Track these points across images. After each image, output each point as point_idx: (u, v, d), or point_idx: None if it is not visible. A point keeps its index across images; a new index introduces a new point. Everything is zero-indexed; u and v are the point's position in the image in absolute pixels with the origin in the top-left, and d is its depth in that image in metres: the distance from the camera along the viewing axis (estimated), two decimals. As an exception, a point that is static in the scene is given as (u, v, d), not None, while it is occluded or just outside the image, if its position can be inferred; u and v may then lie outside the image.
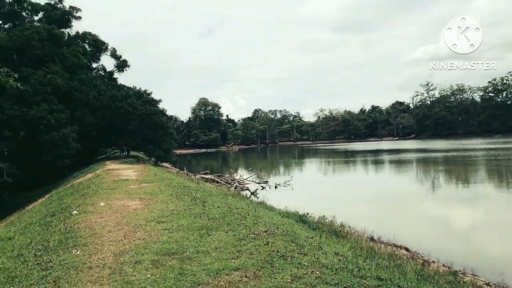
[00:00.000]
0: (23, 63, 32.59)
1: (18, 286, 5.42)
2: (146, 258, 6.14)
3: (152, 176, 19.90)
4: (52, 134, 29.89)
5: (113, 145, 48.34)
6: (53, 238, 7.67)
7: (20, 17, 38.09)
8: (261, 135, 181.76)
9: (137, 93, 40.92)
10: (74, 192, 15.20)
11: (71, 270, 5.80)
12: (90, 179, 19.70)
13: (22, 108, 29.37)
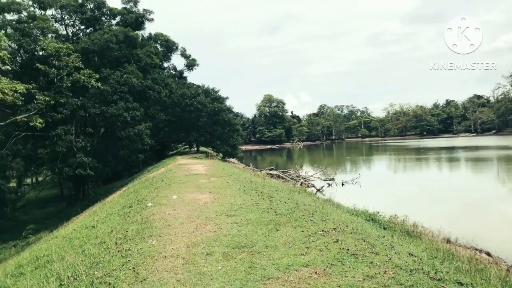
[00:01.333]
0: (102, 65, 35.06)
1: (102, 271, 5.82)
2: (217, 251, 6.29)
3: (221, 171, 20.44)
4: (128, 131, 31.84)
5: (183, 141, 50.39)
6: (131, 228, 8.15)
7: (100, 22, 40.90)
8: (327, 131, 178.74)
9: (205, 91, 42.20)
10: (148, 185, 16.07)
11: (148, 259, 6.11)
12: (163, 173, 20.71)
13: (102, 107, 31.62)
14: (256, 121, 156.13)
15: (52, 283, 5.79)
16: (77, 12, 38.81)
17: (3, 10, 35.43)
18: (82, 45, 34.18)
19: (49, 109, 29.30)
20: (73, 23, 41.55)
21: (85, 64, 30.67)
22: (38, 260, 7.77)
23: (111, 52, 35.00)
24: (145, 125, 33.56)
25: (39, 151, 30.87)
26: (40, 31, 35.55)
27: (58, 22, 40.71)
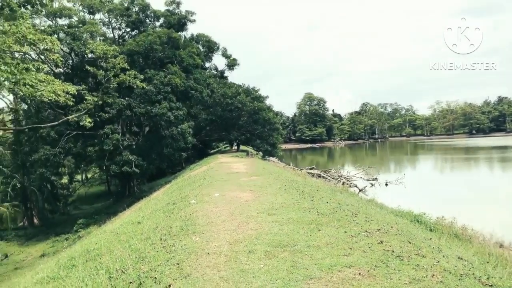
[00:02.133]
0: (147, 65, 36.18)
1: (148, 266, 6.02)
2: (259, 249, 6.32)
3: (261, 170, 20.51)
4: (172, 130, 32.67)
5: (224, 140, 51.04)
6: (175, 224, 8.35)
7: (144, 24, 42.24)
8: (370, 130, 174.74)
9: (245, 90, 42.50)
10: (191, 183, 16.39)
11: (192, 255, 6.24)
12: (205, 171, 21.07)
13: (147, 106, 32.64)
14: (296, 120, 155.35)
15: (102, 276, 6.05)
16: (123, 16, 40.29)
17: (56, 15, 37.39)
18: (128, 47, 35.42)
19: (98, 109, 30.62)
20: (119, 26, 43.19)
21: (131, 65, 31.74)
22: (89, 253, 8.14)
23: (155, 53, 36.04)
24: (188, 124, 34.29)
25: (88, 149, 32.35)
26: (89, 35, 37.21)
27: (106, 25, 42.47)
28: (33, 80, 17.96)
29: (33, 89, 18.37)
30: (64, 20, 38.67)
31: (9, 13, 23.13)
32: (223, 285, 5.01)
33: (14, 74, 16.73)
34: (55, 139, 32.27)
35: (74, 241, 23.21)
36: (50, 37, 20.21)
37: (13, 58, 20.05)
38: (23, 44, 19.70)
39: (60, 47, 31.68)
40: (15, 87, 19.72)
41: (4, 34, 20.20)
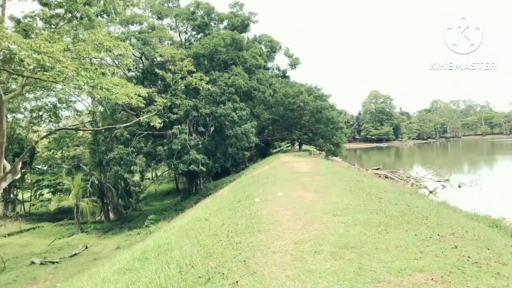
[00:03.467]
0: (212, 67, 37.27)
1: (216, 261, 6.21)
2: (325, 249, 6.26)
3: (324, 170, 20.25)
4: (236, 129, 33.37)
5: (286, 139, 51.06)
6: (241, 222, 8.53)
7: (209, 27, 43.54)
8: (441, 129, 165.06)
9: (308, 89, 42.17)
10: (255, 182, 16.62)
11: (257, 253, 6.34)
12: (267, 170, 21.24)
13: (212, 107, 33.62)
14: (361, 118, 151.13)
15: (173, 269, 6.35)
16: (189, 20, 41.83)
17: (128, 22, 39.79)
18: (194, 50, 36.73)
19: (166, 110, 32.11)
20: (185, 30, 44.92)
21: (197, 68, 32.88)
22: (160, 247, 8.58)
23: (219, 55, 37.01)
24: (251, 124, 34.81)
25: (158, 148, 34.05)
26: (158, 39, 39.14)
27: (173, 29, 44.39)
28: (109, 84, 19.15)
29: (109, 92, 19.59)
30: (135, 26, 41.05)
31: (88, 23, 25.02)
32: (290, 284, 5.03)
33: (92, 79, 17.97)
34: (128, 139, 34.39)
35: (146, 235, 24.54)
36: (123, 43, 21.45)
37: (92, 64, 21.58)
38: (100, 50, 21.09)
39: (132, 52, 33.66)
40: (93, 90, 21.26)
41: (83, 42, 21.89)
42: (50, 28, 23.33)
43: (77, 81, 17.14)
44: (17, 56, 15.41)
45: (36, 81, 25.67)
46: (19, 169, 23.63)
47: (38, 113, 44.95)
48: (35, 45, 15.22)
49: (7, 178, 21.92)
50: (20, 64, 22.45)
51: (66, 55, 16.90)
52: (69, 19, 23.75)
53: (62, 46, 17.16)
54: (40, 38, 16.96)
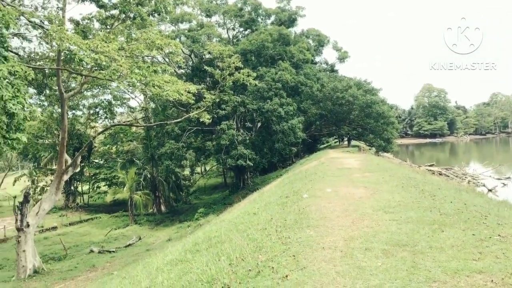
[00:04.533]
0: (259, 63, 37.41)
1: (265, 255, 6.27)
2: (376, 247, 6.12)
3: (375, 166, 19.74)
4: (283, 125, 33.32)
5: (334, 135, 50.29)
6: (289, 217, 8.54)
7: (256, 23, 43.67)
8: (501, 123, 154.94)
9: (357, 83, 41.22)
10: (302, 178, 16.53)
11: (307, 248, 6.32)
12: (315, 166, 21.05)
13: (259, 103, 33.78)
14: (413, 113, 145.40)
15: (223, 262, 6.49)
16: (237, 16, 42.20)
17: (178, 21, 40.84)
18: (241, 46, 37.03)
19: (215, 106, 32.66)
20: (233, 26, 45.38)
21: (244, 64, 33.13)
22: (210, 240, 8.79)
23: (266, 50, 37.06)
24: (298, 119, 34.61)
25: (207, 143, 34.83)
26: (206, 37, 39.87)
27: (221, 26, 45.00)
28: (160, 81, 19.77)
29: (160, 90, 20.22)
30: (185, 24, 42.06)
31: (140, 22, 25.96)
32: (340, 280, 4.98)
33: (145, 76, 18.63)
34: (179, 134, 35.43)
35: (195, 228, 25.23)
36: (174, 41, 22.03)
37: (144, 62, 22.37)
38: (152, 49, 21.79)
39: (182, 49, 34.52)
40: (146, 88, 22.04)
41: (136, 41, 22.75)
42: (105, 28, 24.46)
43: (130, 78, 17.82)
44: (77, 56, 16.27)
45: (94, 80, 27.05)
46: (78, 163, 25.10)
47: (95, 110, 47.43)
48: (93, 45, 16.01)
49: (68, 171, 23.36)
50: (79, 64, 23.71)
51: (121, 54, 17.62)
52: (123, 20, 24.73)
53: (117, 46, 17.94)
54: (97, 38, 17.83)
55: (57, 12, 21.78)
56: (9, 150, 11.40)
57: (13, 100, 10.37)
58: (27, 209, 20.60)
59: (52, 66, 23.28)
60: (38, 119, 35.85)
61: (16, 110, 10.49)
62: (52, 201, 22.65)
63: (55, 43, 17.78)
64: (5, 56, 10.80)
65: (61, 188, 23.37)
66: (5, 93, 9.94)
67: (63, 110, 23.44)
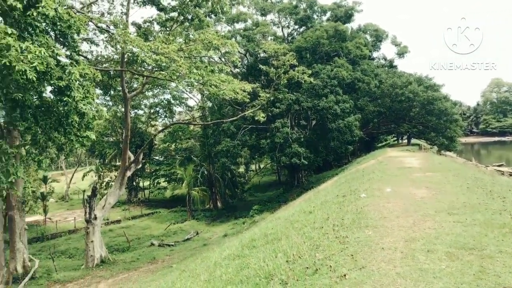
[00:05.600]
0: (314, 60, 37.02)
1: (322, 254, 6.23)
2: (439, 249, 5.86)
3: (437, 165, 18.82)
4: (338, 123, 32.73)
5: (393, 133, 48.58)
6: (347, 216, 8.39)
7: (312, 20, 43.23)
8: None
9: (418, 79, 39.47)
10: (359, 177, 16.16)
11: (365, 248, 6.19)
12: (373, 165, 20.48)
13: (314, 100, 33.44)
14: (479, 110, 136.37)
15: (280, 258, 6.54)
16: (292, 14, 42.05)
17: (233, 20, 41.52)
18: (296, 44, 36.88)
19: (269, 105, 32.82)
20: (288, 24, 45.31)
21: (299, 61, 32.96)
22: (267, 236, 8.88)
23: (321, 47, 36.59)
24: (354, 117, 33.84)
25: (261, 141, 35.09)
26: (261, 36, 40.14)
27: (276, 25, 45.10)
28: (217, 81, 20.21)
29: (217, 89, 20.68)
30: (240, 24, 42.67)
31: (197, 23, 26.71)
32: (401, 282, 4.83)
33: (202, 76, 19.15)
34: (234, 132, 36.05)
35: (250, 225, 25.57)
36: (230, 41, 22.43)
37: (202, 62, 23.00)
38: (209, 49, 22.34)
39: (238, 49, 35.05)
40: (203, 87, 22.65)
41: (193, 42, 23.44)
42: (165, 30, 25.45)
43: (189, 78, 18.39)
44: (139, 57, 17.10)
45: (154, 80, 28.29)
46: (140, 159, 26.39)
47: (155, 109, 49.62)
48: (154, 47, 16.73)
49: (131, 168, 24.66)
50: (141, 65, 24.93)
51: (180, 55, 18.25)
52: (181, 22, 25.60)
53: (176, 47, 18.62)
54: (157, 40, 18.62)
55: (121, 17, 23.03)
56: (80, 147, 12.25)
57: (83, 100, 11.13)
58: (94, 202, 22.04)
59: (116, 68, 24.64)
60: (104, 118, 38.08)
61: (86, 110, 11.26)
62: (116, 195, 24.03)
63: (119, 46, 18.76)
64: (77, 60, 11.60)
65: (124, 183, 24.73)
66: (76, 94, 10.68)
67: (126, 109, 24.76)
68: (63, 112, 11.26)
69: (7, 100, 10.99)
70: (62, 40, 11.60)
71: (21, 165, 12.09)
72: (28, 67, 8.57)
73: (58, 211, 44.47)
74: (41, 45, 9.42)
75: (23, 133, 18.61)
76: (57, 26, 10.50)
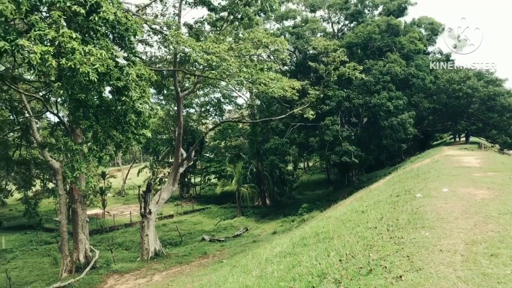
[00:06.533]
0: (365, 56, 36.07)
1: (376, 254, 6.09)
2: (504, 253, 5.53)
3: (499, 165, 17.71)
4: (391, 120, 31.70)
5: (449, 130, 46.27)
6: (402, 217, 8.12)
7: (363, 15, 42.07)
8: None
9: (477, 73, 37.25)
10: (414, 176, 15.57)
11: (422, 250, 5.97)
12: (428, 164, 19.65)
13: (365, 97, 32.63)
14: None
15: (333, 257, 6.48)
16: (342, 9, 41.22)
17: (282, 18, 41.45)
18: (347, 40, 36.14)
19: (319, 102, 32.44)
20: (338, 20, 44.47)
21: (349, 57, 32.29)
22: (318, 235, 8.81)
23: (373, 42, 35.60)
24: (408, 114, 32.61)
25: (310, 139, 34.82)
26: (310, 32, 39.75)
27: (325, 21, 44.45)
28: (266, 79, 20.31)
29: (266, 87, 20.81)
30: (289, 21, 42.52)
31: (247, 22, 26.96)
32: (462, 286, 4.62)
33: (252, 75, 19.31)
34: (282, 130, 36.06)
35: (299, 223, 25.47)
36: (279, 39, 22.45)
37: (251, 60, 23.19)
38: (258, 47, 22.48)
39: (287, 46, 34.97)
40: (253, 86, 22.85)
41: (243, 40, 23.69)
42: (215, 30, 25.94)
43: (239, 77, 18.61)
44: (191, 57, 17.55)
45: (205, 79, 28.94)
46: (192, 156, 27.15)
47: (205, 107, 50.77)
48: (205, 47, 17.10)
49: (183, 164, 25.43)
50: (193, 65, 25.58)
51: (230, 54, 18.53)
52: (231, 21, 25.96)
53: (226, 46, 18.92)
54: (208, 40, 19.03)
55: (174, 18, 23.75)
56: (136, 144, 12.82)
57: (140, 100, 11.62)
58: (149, 197, 22.99)
59: (169, 68, 25.49)
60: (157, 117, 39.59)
61: (143, 108, 11.75)
62: (169, 191, 24.90)
63: (172, 47, 19.35)
64: (133, 61, 12.12)
65: (177, 179, 25.56)
66: (134, 94, 11.17)
67: (179, 108, 25.56)
68: (121, 111, 11.82)
69: (71, 101, 11.74)
70: (120, 42, 12.17)
71: (84, 161, 12.86)
72: (91, 69, 9.07)
73: (115, 205, 46.89)
74: (102, 47, 9.93)
75: (85, 131, 19.83)
76: (116, 29, 11.01)
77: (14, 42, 8.06)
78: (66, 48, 8.83)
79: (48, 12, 10.20)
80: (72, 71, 9.47)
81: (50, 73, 9.27)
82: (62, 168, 17.26)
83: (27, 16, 8.73)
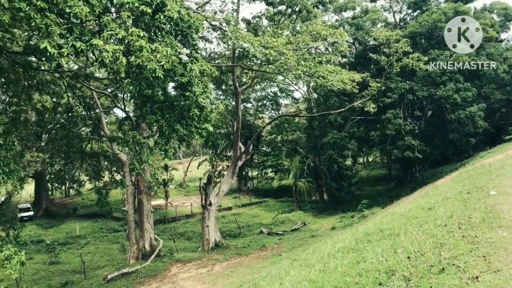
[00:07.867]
0: (430, 46, 34.24)
1: (448, 253, 5.78)
2: None
3: None
4: (458, 113, 29.96)
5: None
6: (474, 215, 7.64)
7: (427, 3, 39.95)
8: None
9: (560, 60, 34.02)
10: (485, 172, 14.59)
11: (500, 250, 5.58)
12: (502, 160, 18.29)
13: (430, 89, 31.03)
14: None
15: (400, 254, 6.25)
16: (404, -2, 39.47)
17: (341, 9, 40.50)
18: (410, 29, 34.57)
19: (380, 95, 31.36)
20: (400, 9, 42.64)
21: (413, 48, 30.80)
22: (382, 232, 8.54)
23: (439, 32, 33.68)
24: (478, 106, 30.57)
25: (370, 133, 33.83)
26: (371, 23, 38.47)
27: (386, 11, 42.80)
28: (324, 72, 19.97)
29: (325, 80, 20.45)
30: (348, 12, 41.45)
31: (305, 15, 26.65)
32: (548, 291, 4.27)
33: (310, 68, 19.09)
34: (341, 124, 35.36)
35: (359, 219, 24.90)
36: (338, 30, 21.98)
37: (310, 53, 22.92)
38: (317, 40, 22.13)
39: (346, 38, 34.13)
40: (311, 79, 22.60)
41: (300, 34, 23.45)
42: (273, 24, 25.91)
43: (296, 71, 18.48)
44: (250, 52, 17.70)
45: (263, 74, 29.08)
46: (250, 150, 27.48)
47: (262, 102, 51.06)
48: (264, 41, 17.16)
49: (242, 158, 25.83)
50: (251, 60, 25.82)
51: (288, 48, 18.44)
52: (289, 14, 25.80)
53: (284, 40, 18.86)
54: (266, 34, 19.05)
55: (232, 14, 24.07)
56: (199, 138, 13.21)
57: (202, 95, 11.94)
58: (210, 190, 23.64)
59: (228, 64, 25.90)
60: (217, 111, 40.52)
61: (205, 103, 12.07)
62: (228, 184, 25.43)
63: (231, 42, 19.63)
64: (196, 57, 12.46)
65: (236, 172, 26.02)
66: (196, 89, 11.50)
67: (237, 102, 25.95)
68: (184, 106, 12.23)
69: (139, 96, 12.33)
70: (183, 40, 12.55)
71: (150, 154, 13.51)
72: (157, 65, 9.46)
73: (176, 197, 48.80)
74: (167, 45, 10.32)
75: (150, 126, 20.78)
76: (179, 26, 11.38)
77: (89, 42, 8.59)
78: (135, 46, 9.27)
79: (118, 13, 10.76)
80: (139, 68, 9.94)
81: (120, 70, 9.83)
82: (129, 160, 18.26)
83: (100, 18, 9.26)
